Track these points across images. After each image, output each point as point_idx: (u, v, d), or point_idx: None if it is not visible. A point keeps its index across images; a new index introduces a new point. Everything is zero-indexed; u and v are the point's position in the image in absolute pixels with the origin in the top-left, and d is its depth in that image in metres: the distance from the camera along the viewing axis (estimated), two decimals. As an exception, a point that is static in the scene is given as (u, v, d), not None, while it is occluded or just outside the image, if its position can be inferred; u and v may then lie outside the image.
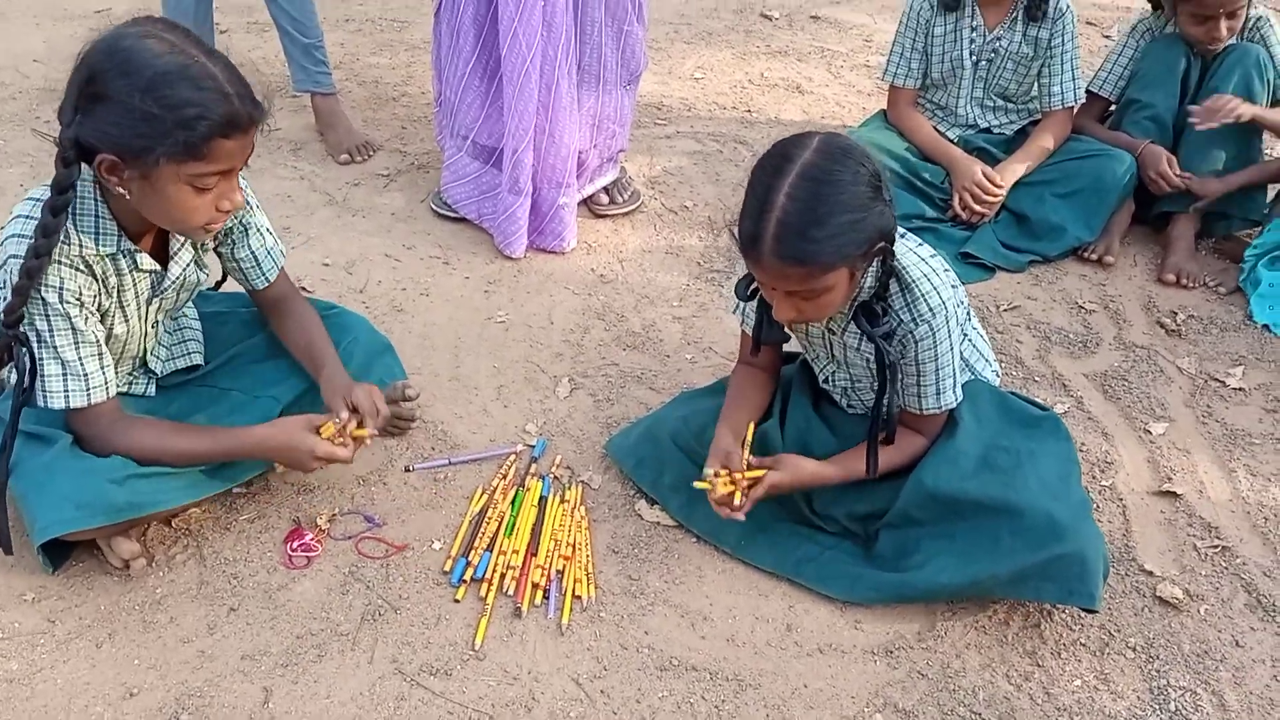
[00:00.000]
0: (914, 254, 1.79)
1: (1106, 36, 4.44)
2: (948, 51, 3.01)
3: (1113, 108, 3.11)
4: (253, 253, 1.94)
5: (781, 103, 3.81)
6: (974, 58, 3.00)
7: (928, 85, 3.11)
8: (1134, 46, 3.01)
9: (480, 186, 2.89)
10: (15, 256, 1.64)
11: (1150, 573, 2.00)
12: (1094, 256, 2.94)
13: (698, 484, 1.82)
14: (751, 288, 1.83)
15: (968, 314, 1.92)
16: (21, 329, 1.67)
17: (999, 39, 2.96)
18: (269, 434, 1.82)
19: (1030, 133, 3.06)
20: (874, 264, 1.74)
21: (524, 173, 2.74)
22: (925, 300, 1.78)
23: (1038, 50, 2.95)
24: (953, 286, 1.83)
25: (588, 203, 3.04)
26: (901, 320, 1.79)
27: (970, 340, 2.01)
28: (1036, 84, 3.03)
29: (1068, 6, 2.92)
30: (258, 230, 1.94)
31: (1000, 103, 3.08)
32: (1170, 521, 2.13)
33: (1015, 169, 2.96)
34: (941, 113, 3.13)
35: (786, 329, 1.93)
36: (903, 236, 1.82)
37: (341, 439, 1.82)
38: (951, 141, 3.06)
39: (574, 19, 2.68)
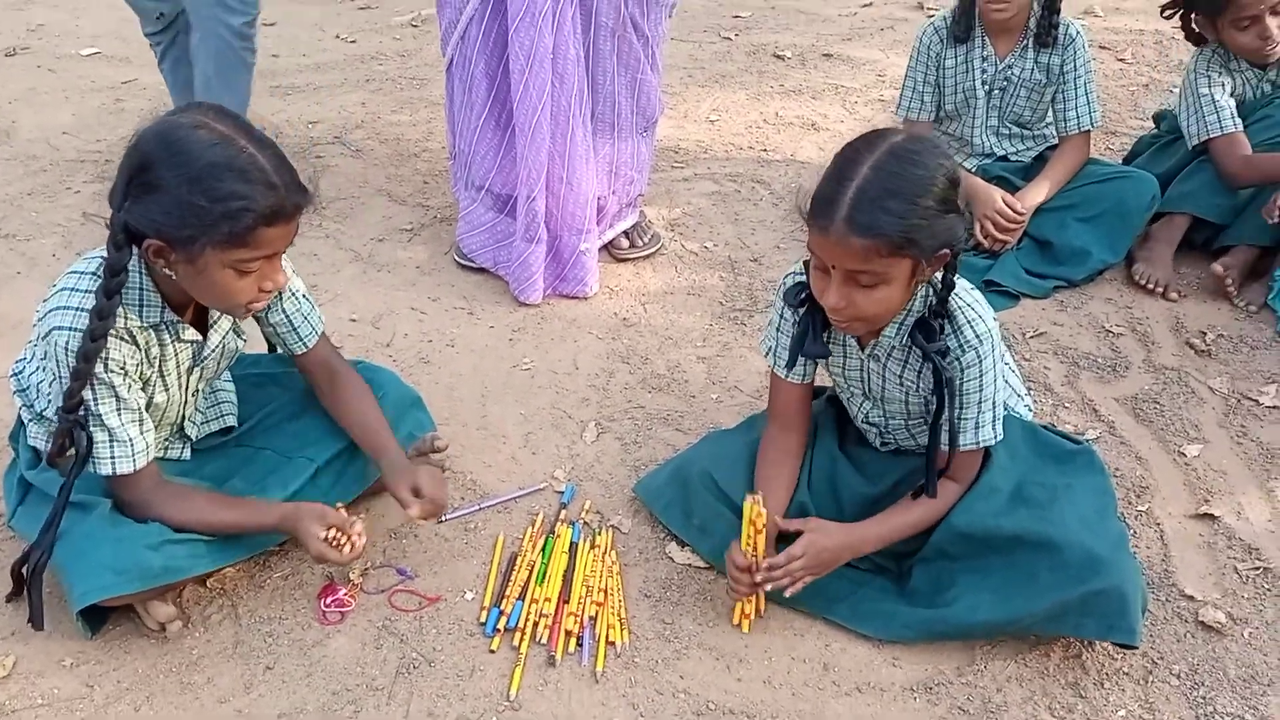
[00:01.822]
0: (959, 287, 1.80)
1: (1121, 60, 4.44)
2: (960, 83, 3.02)
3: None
4: (287, 318, 1.96)
5: (798, 141, 3.83)
6: (986, 87, 3.01)
7: (942, 117, 3.12)
8: (1216, 82, 2.89)
9: (495, 235, 2.92)
10: (60, 329, 1.67)
11: (1191, 597, 1.97)
12: (1157, 290, 2.87)
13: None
14: (801, 295, 1.83)
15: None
16: (80, 412, 1.70)
17: (1011, 67, 2.97)
18: (286, 516, 1.84)
19: (1048, 159, 3.05)
20: (926, 285, 1.75)
21: (537, 220, 2.77)
22: (972, 327, 1.77)
23: (1050, 77, 2.96)
24: (993, 319, 1.82)
25: (608, 248, 3.07)
26: (948, 348, 1.78)
27: (1003, 375, 1.99)
28: (1051, 110, 3.04)
29: (1078, 32, 2.93)
30: (292, 296, 1.96)
31: (1016, 130, 3.09)
32: (1210, 544, 2.10)
33: (1036, 195, 2.96)
34: (958, 143, 3.13)
35: (827, 344, 1.90)
36: None
37: (339, 540, 1.81)
38: (970, 171, 3.06)
39: (586, 70, 2.72)
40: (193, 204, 1.57)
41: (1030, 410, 2.08)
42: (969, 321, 1.78)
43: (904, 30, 4.82)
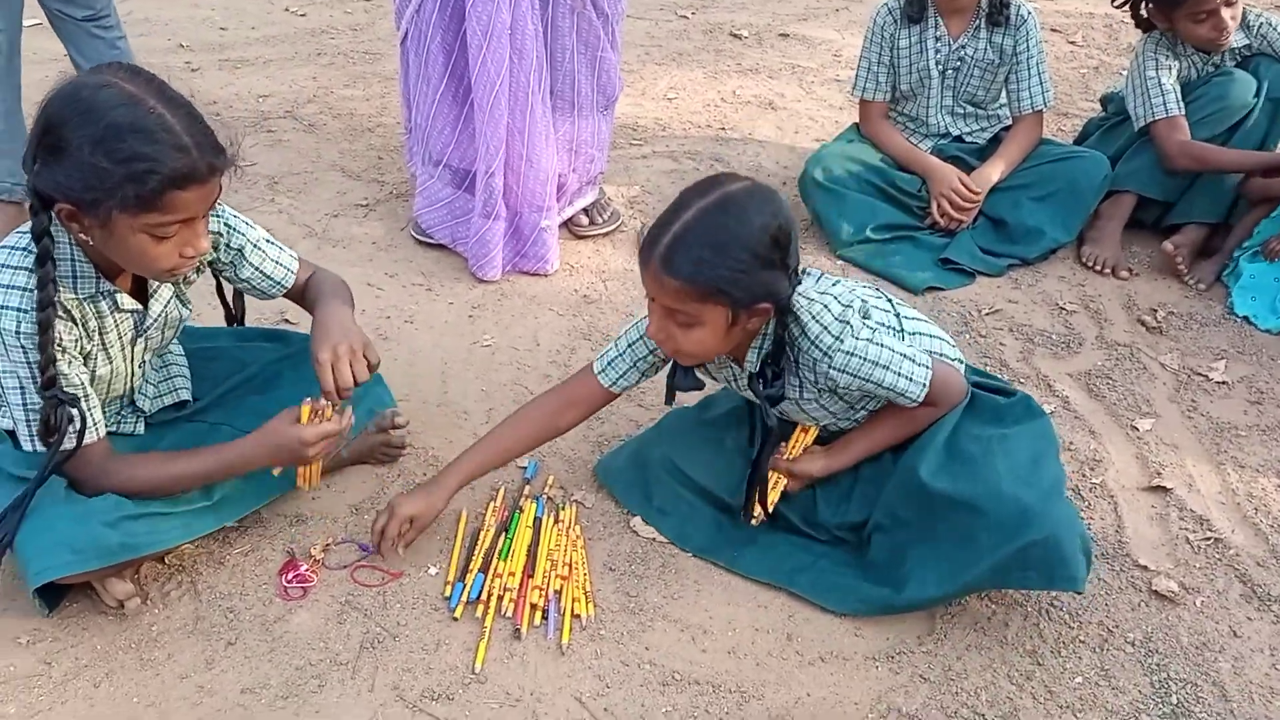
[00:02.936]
0: (804, 298, 1.78)
1: (1072, 43, 4.50)
2: (914, 63, 3.04)
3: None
4: (259, 270, 1.93)
5: (755, 120, 3.84)
6: (940, 67, 3.04)
7: (898, 98, 3.14)
8: (1163, 65, 2.93)
9: (453, 211, 2.89)
10: (5, 309, 1.62)
11: (1145, 567, 2.01)
12: (1105, 271, 2.94)
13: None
14: None
15: (895, 311, 1.90)
16: (64, 388, 1.67)
17: (964, 47, 3.00)
18: (256, 440, 1.80)
19: (1002, 139, 3.09)
20: (767, 327, 1.79)
21: (496, 196, 2.74)
22: (827, 332, 1.76)
23: (1003, 57, 2.99)
24: (851, 292, 1.83)
25: (568, 225, 3.05)
26: (818, 361, 1.79)
27: (909, 333, 1.91)
28: (1005, 90, 3.07)
29: (1030, 13, 2.96)
30: (255, 248, 1.92)
31: (970, 110, 3.12)
32: (1162, 516, 2.14)
33: (990, 174, 2.99)
34: (913, 124, 3.16)
35: (702, 375, 1.95)
36: (809, 276, 1.85)
37: (321, 417, 1.78)
38: (926, 151, 3.08)
39: (545, 46, 2.70)
40: (95, 166, 1.52)
41: (956, 350, 2.02)
42: (824, 328, 1.76)
43: (859, 11, 4.85)
